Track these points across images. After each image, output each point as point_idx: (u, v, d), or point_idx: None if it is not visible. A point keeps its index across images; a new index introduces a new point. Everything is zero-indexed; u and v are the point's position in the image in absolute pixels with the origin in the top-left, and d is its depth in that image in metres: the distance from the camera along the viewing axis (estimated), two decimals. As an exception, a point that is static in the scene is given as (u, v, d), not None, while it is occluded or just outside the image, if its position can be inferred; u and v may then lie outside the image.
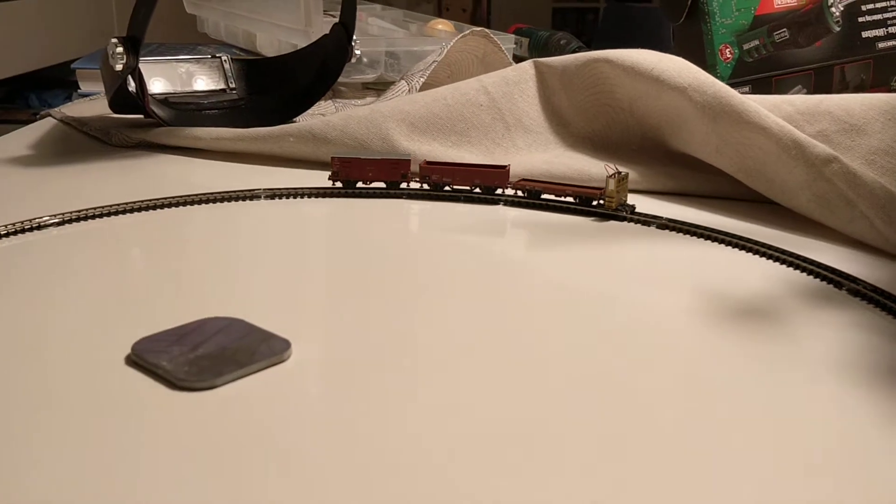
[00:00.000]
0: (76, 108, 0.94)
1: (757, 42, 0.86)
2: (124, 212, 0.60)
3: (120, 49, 0.70)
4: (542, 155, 0.72)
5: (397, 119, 0.72)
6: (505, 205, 0.64)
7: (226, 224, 0.59)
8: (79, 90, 1.05)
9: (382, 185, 0.66)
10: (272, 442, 0.33)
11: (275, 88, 0.91)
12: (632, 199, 0.64)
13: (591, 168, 0.68)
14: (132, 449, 0.33)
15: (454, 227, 0.59)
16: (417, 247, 0.56)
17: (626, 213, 0.60)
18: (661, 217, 0.60)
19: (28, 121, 2.41)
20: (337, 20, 0.87)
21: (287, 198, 0.64)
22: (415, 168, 0.67)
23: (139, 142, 0.78)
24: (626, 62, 0.69)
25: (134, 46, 0.70)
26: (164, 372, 0.37)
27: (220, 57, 0.93)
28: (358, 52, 0.84)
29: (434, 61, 0.88)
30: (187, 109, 0.84)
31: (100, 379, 0.38)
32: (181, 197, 0.62)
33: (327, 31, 0.88)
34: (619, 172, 0.59)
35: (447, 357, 0.41)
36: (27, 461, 0.32)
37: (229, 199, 0.63)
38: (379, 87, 1.05)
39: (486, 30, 0.94)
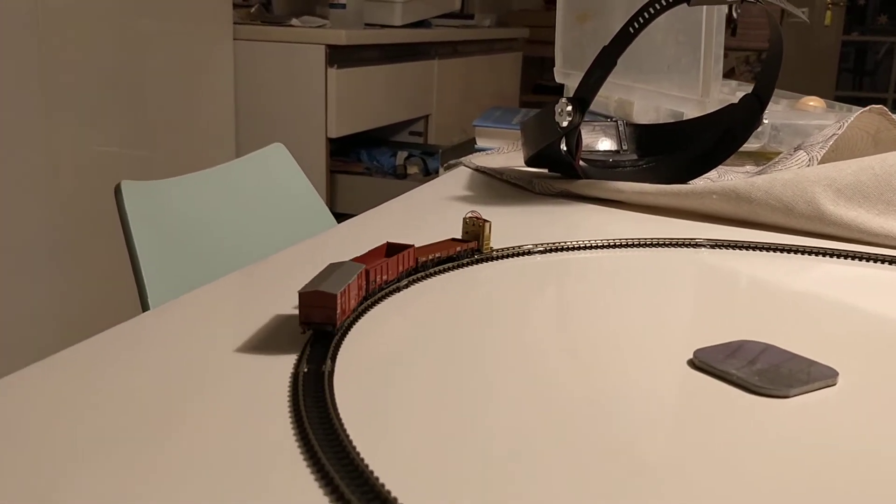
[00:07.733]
0: (482, 160, 1.05)
1: None
2: (597, 247, 0.67)
3: (569, 108, 0.79)
4: (980, 230, 0.71)
5: (824, 184, 0.75)
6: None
7: (685, 267, 0.64)
8: (475, 145, 1.17)
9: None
10: (840, 453, 0.37)
11: (668, 152, 0.97)
12: None
13: None
14: (713, 442, 0.38)
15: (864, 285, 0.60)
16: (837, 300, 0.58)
17: (494, 253, 0.66)
18: None
19: (361, 172, 2.65)
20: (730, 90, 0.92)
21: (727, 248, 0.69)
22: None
23: (560, 191, 0.87)
24: None
25: (582, 107, 0.79)
26: (737, 378, 0.42)
27: (616, 121, 1.00)
28: (766, 121, 0.88)
29: (834, 134, 0.90)
30: (597, 166, 0.92)
31: (668, 377, 0.43)
32: (660, 239, 0.69)
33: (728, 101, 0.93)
34: (487, 220, 0.65)
35: None
36: (603, 444, 0.38)
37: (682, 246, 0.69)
38: (756, 157, 1.08)
39: (884, 107, 0.95)
